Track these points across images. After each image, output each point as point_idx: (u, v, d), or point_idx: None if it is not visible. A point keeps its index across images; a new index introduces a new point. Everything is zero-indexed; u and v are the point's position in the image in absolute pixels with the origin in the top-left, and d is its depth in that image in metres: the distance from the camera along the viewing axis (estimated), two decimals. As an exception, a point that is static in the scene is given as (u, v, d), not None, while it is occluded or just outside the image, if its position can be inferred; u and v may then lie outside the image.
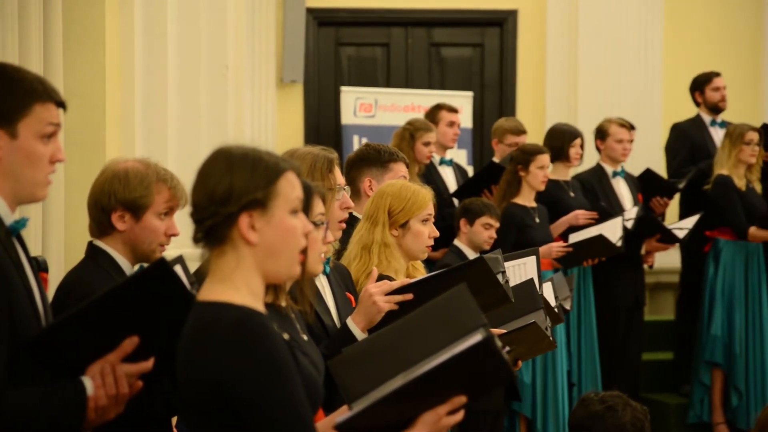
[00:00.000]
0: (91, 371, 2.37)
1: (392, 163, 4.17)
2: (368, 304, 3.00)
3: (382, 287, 3.02)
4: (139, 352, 2.40)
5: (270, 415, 2.04)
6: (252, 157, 2.14)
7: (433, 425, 2.17)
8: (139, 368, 2.39)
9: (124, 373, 2.38)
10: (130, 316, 2.39)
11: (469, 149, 8.21)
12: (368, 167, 4.16)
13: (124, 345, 2.38)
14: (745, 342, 6.62)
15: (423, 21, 8.94)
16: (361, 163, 4.18)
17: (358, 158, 4.22)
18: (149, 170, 2.94)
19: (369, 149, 4.23)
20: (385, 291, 3.02)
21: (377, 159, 4.16)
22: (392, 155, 4.19)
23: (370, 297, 3.00)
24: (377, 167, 4.15)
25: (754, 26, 8.88)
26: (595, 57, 8.55)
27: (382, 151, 4.19)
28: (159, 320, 2.40)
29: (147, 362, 2.40)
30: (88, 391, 2.35)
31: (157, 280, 2.38)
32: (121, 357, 2.38)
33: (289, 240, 2.14)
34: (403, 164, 4.22)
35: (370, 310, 3.00)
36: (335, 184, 3.17)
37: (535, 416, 6.00)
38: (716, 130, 7.30)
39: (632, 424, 2.87)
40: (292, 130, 8.67)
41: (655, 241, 6.60)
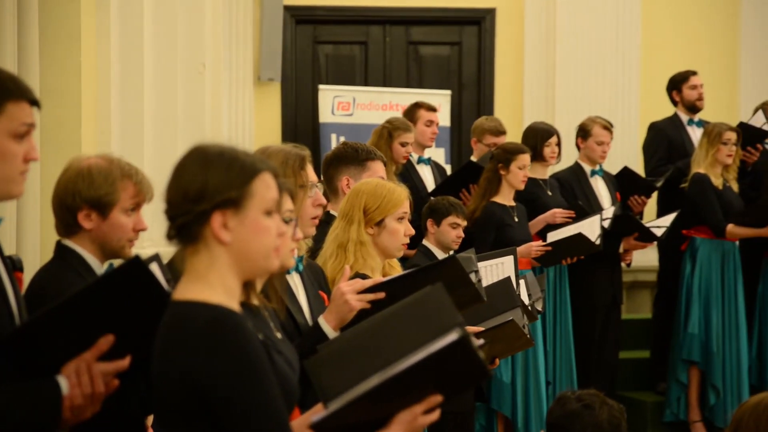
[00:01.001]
0: (66, 370, 2.35)
1: (370, 161, 4.16)
2: (340, 303, 2.99)
3: (354, 285, 3.01)
4: (115, 350, 2.38)
5: (245, 415, 2.03)
6: (228, 156, 2.13)
7: (409, 424, 2.16)
8: (116, 367, 2.37)
9: (100, 371, 2.36)
10: (105, 314, 2.37)
11: (447, 148, 8.21)
12: (346, 166, 4.15)
13: (100, 343, 2.36)
14: (722, 340, 6.65)
15: (401, 19, 8.94)
16: (339, 162, 4.17)
17: (335, 157, 4.21)
18: (113, 166, 2.89)
19: (346, 148, 4.22)
20: (357, 289, 3.00)
21: (355, 158, 4.16)
22: (370, 154, 4.18)
23: (342, 295, 2.99)
24: (355, 166, 4.15)
25: (731, 26, 8.93)
26: (573, 56, 8.56)
27: (360, 149, 4.19)
28: (134, 318, 2.38)
29: (123, 361, 2.39)
30: (63, 391, 2.33)
31: (131, 277, 2.36)
32: (97, 356, 2.36)
33: (262, 240, 2.13)
34: (381, 163, 4.21)
35: (342, 308, 2.99)
36: (307, 181, 3.16)
37: (516, 416, 6.00)
38: (693, 129, 7.33)
39: (609, 423, 2.87)
40: (269, 129, 8.65)
41: (632, 240, 6.62)
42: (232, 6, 7.89)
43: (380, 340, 2.20)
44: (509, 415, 6.01)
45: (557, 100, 8.56)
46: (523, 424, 6.03)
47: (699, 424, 6.74)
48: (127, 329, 2.38)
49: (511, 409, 6.01)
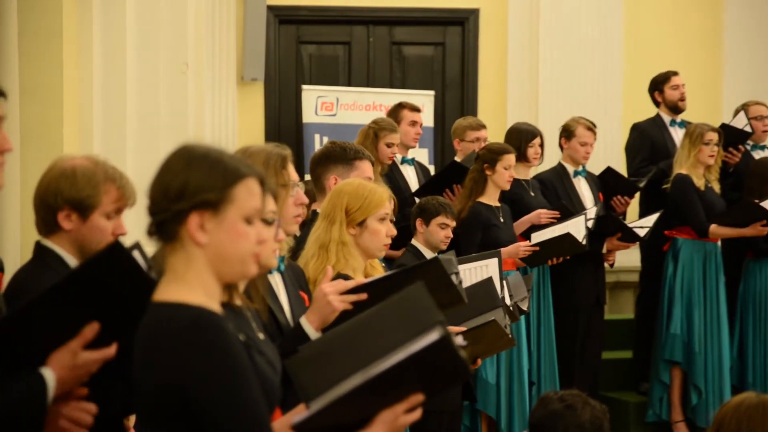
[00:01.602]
0: (52, 361, 2.33)
1: (358, 161, 4.16)
2: (322, 304, 2.99)
3: (337, 286, 3.00)
4: (101, 338, 2.37)
5: (226, 416, 2.03)
6: (212, 158, 2.12)
7: (391, 424, 2.16)
8: (102, 355, 2.36)
9: (87, 360, 2.35)
10: (88, 301, 2.35)
11: (430, 148, 8.21)
12: (334, 165, 4.15)
13: (85, 332, 2.34)
14: (704, 340, 6.67)
15: (384, 19, 8.93)
16: (327, 161, 4.17)
17: (324, 155, 4.20)
18: (98, 169, 2.87)
19: (335, 147, 4.22)
20: (339, 290, 3.00)
21: (343, 157, 4.15)
22: (358, 153, 4.18)
23: (324, 296, 2.98)
24: (343, 165, 4.14)
25: (714, 26, 8.96)
26: (556, 56, 8.58)
27: (348, 149, 4.18)
28: (118, 305, 2.37)
29: (109, 348, 2.37)
30: (49, 383, 2.32)
31: (112, 262, 2.34)
32: (83, 344, 2.35)
33: (239, 245, 2.12)
34: (369, 163, 4.21)
35: (324, 309, 2.98)
36: (289, 181, 3.15)
37: (500, 416, 6.00)
38: (676, 130, 7.34)
39: (591, 423, 2.87)
40: (252, 129, 8.63)
41: (615, 240, 6.63)
42: (215, 5, 7.86)
43: (361, 340, 2.20)
44: (494, 416, 6.01)
45: (540, 100, 8.58)
46: (507, 424, 6.03)
47: (681, 424, 6.75)
48: (112, 316, 2.37)
49: (496, 410, 6.01)
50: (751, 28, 8.86)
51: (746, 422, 2.59)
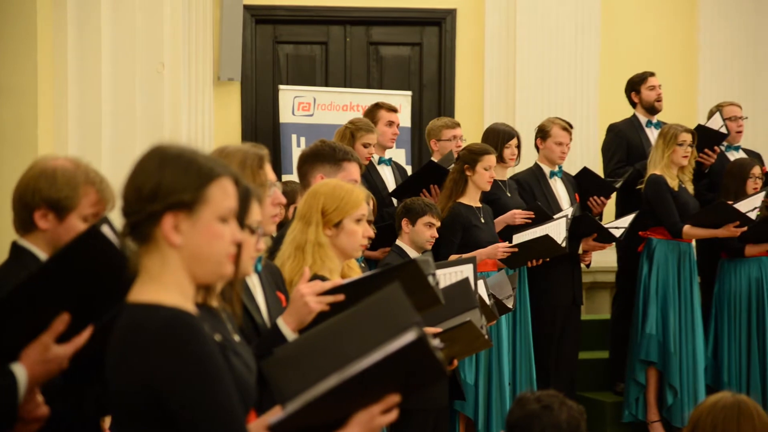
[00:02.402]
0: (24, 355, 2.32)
1: (346, 162, 4.14)
2: (299, 305, 2.98)
3: (314, 287, 3.00)
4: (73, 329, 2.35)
5: (201, 417, 2.02)
6: (186, 158, 2.11)
7: (367, 424, 2.16)
8: (74, 346, 2.34)
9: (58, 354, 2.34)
10: (61, 292, 2.33)
11: (407, 148, 8.21)
12: (321, 164, 4.13)
13: (56, 324, 2.32)
14: (679, 340, 6.69)
15: (362, 20, 8.92)
16: (315, 159, 4.15)
17: (312, 154, 4.18)
18: (78, 171, 2.86)
19: (324, 146, 4.20)
20: (316, 291, 2.99)
21: (331, 156, 4.14)
22: (347, 154, 4.16)
23: (301, 297, 2.98)
24: (330, 165, 4.12)
25: (689, 27, 9.00)
26: (533, 57, 8.61)
27: (338, 149, 4.17)
28: (92, 289, 2.35)
29: (81, 336, 2.35)
30: (20, 380, 2.30)
31: (89, 248, 2.32)
32: (55, 337, 2.33)
33: (214, 246, 2.11)
34: (357, 165, 4.19)
35: (302, 310, 2.97)
36: (266, 181, 3.14)
37: (477, 417, 6.00)
38: (652, 130, 7.37)
39: (568, 423, 2.87)
40: (229, 129, 8.60)
41: (591, 240, 6.65)
42: (191, 5, 7.84)
43: (337, 341, 2.19)
44: (471, 417, 6.01)
45: (517, 101, 8.60)
46: (485, 425, 6.03)
47: (657, 424, 6.78)
48: (84, 305, 2.35)
49: (474, 411, 6.01)
50: (726, 30, 8.91)
51: (721, 422, 2.61)
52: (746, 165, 6.84)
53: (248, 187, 2.51)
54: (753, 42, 8.92)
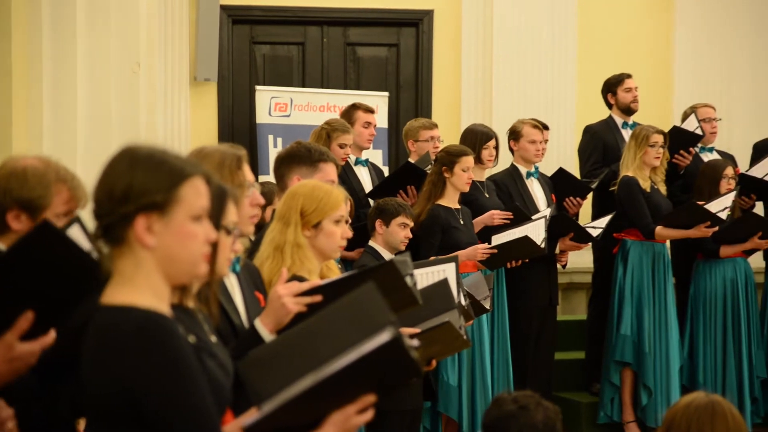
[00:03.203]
0: None
1: (322, 163, 4.14)
2: (277, 306, 2.97)
3: (292, 288, 2.99)
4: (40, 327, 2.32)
5: (175, 418, 2.02)
6: (157, 159, 2.10)
7: (342, 425, 2.16)
8: (40, 344, 2.32)
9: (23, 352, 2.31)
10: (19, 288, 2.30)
11: (384, 149, 8.21)
12: (298, 165, 4.12)
13: (20, 322, 2.30)
14: (654, 341, 6.72)
15: (338, 20, 8.92)
16: (291, 161, 4.14)
17: (288, 155, 4.17)
18: (49, 169, 2.84)
19: (300, 147, 4.19)
20: (294, 292, 2.98)
21: (307, 158, 4.13)
22: (323, 155, 4.16)
23: (279, 298, 2.97)
24: (307, 166, 4.12)
25: (665, 29, 9.05)
26: (510, 58, 8.63)
27: (314, 150, 4.16)
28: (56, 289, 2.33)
29: (47, 336, 2.33)
30: None
31: (43, 244, 2.29)
32: (19, 335, 2.31)
33: (188, 246, 2.10)
34: (333, 166, 4.18)
35: (279, 311, 2.97)
36: (245, 181, 3.13)
37: (461, 418, 6.00)
38: (627, 131, 7.38)
39: (544, 424, 2.88)
40: (205, 129, 8.57)
41: (568, 241, 6.66)
42: (167, 5, 7.81)
43: (313, 341, 2.19)
44: (456, 418, 6.01)
45: (494, 101, 8.61)
46: (469, 426, 6.03)
47: (632, 425, 6.81)
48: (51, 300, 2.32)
49: (457, 412, 6.01)
50: (701, 32, 8.95)
51: (695, 422, 2.62)
52: (719, 166, 6.88)
53: (223, 187, 2.51)
54: (728, 44, 8.97)
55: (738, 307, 6.87)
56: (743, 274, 6.94)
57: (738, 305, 6.87)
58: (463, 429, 6.01)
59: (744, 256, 6.98)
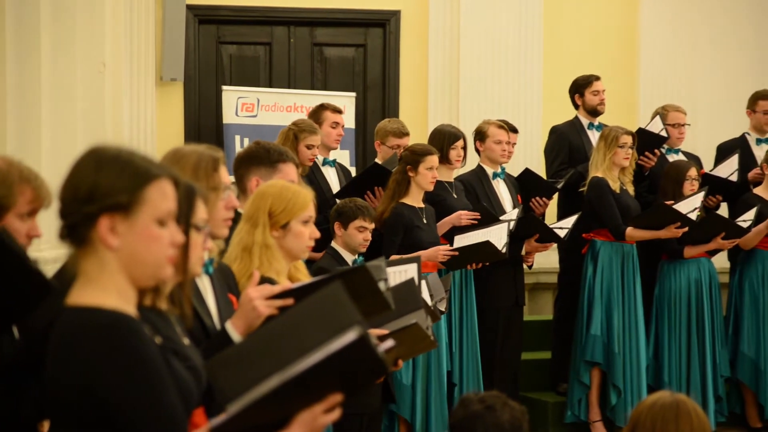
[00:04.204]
0: None
1: (281, 163, 4.11)
2: (248, 309, 2.95)
3: (263, 291, 2.98)
4: None
5: (141, 420, 2.01)
6: (123, 160, 2.09)
7: (309, 424, 2.16)
8: None
9: None
10: None
11: (352, 150, 8.20)
12: (256, 166, 4.09)
13: None
14: (623, 341, 6.76)
15: (305, 20, 8.91)
16: (250, 162, 4.11)
17: (247, 156, 4.15)
18: (12, 169, 2.82)
19: (258, 148, 4.16)
20: (265, 295, 2.97)
21: (266, 158, 4.10)
22: (281, 155, 4.13)
23: (250, 301, 2.95)
24: (265, 167, 4.09)
25: (630, 32, 9.11)
26: (477, 59, 8.65)
27: (272, 150, 4.13)
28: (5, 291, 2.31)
29: None
30: None
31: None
32: None
33: (151, 248, 2.09)
34: (293, 165, 4.16)
35: (250, 314, 2.95)
36: (220, 184, 3.11)
37: (415, 418, 6.00)
38: (593, 133, 7.42)
39: (510, 424, 2.89)
40: (172, 129, 8.54)
41: (534, 241, 6.68)
42: (133, 4, 7.76)
43: (279, 341, 2.19)
44: (408, 418, 6.01)
45: (461, 102, 8.64)
46: (423, 426, 6.02)
47: (599, 424, 6.84)
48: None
49: (410, 412, 6.01)
50: (667, 34, 9.03)
51: (660, 421, 2.64)
52: (683, 167, 6.92)
53: (191, 186, 2.49)
54: (693, 46, 9.06)
55: (702, 307, 6.92)
56: (707, 274, 7.00)
57: (702, 305, 6.92)
58: (416, 429, 6.00)
59: (708, 256, 7.04)
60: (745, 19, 9.19)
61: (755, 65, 9.11)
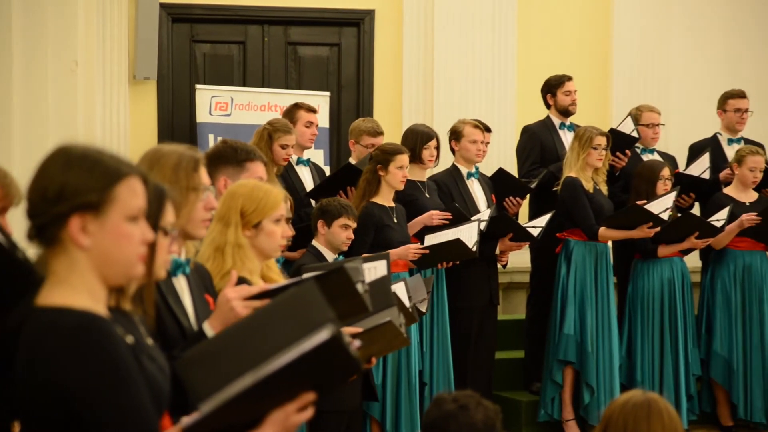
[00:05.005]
0: None
1: (249, 162, 4.08)
2: (226, 309, 2.93)
3: (241, 292, 2.96)
4: None
5: (112, 420, 2.00)
6: (92, 158, 2.07)
7: (282, 423, 2.15)
8: None
9: None
10: None
11: (326, 149, 8.19)
12: (224, 166, 4.06)
13: None
14: (596, 340, 6.79)
15: (280, 19, 8.88)
16: (218, 161, 4.08)
17: (214, 155, 4.12)
18: None
19: (226, 147, 4.14)
20: (243, 296, 2.95)
21: (233, 157, 4.07)
22: (249, 154, 4.10)
23: (227, 302, 2.93)
24: (233, 166, 4.06)
25: (604, 32, 9.14)
26: (451, 58, 8.67)
27: (240, 149, 4.10)
28: None
29: None
30: None
31: None
32: None
33: (123, 247, 2.08)
34: (261, 164, 4.13)
35: (228, 315, 2.93)
36: (200, 184, 3.09)
37: (385, 418, 5.99)
38: (565, 132, 7.45)
39: (484, 423, 2.89)
40: (145, 128, 8.49)
41: (508, 240, 6.69)
42: (105, 2, 7.71)
43: (252, 340, 2.18)
44: (378, 417, 6.00)
45: (435, 101, 8.65)
46: (393, 425, 6.02)
47: (572, 423, 6.87)
48: None
49: (380, 411, 6.00)
50: (639, 34, 9.07)
51: (632, 420, 2.64)
52: (656, 167, 6.96)
53: (162, 188, 2.48)
54: (665, 47, 9.10)
55: (675, 306, 6.96)
56: (680, 273, 7.04)
57: (675, 304, 6.96)
58: (387, 428, 6.00)
59: (681, 255, 7.08)
60: (716, 20, 9.24)
61: (727, 65, 9.16)
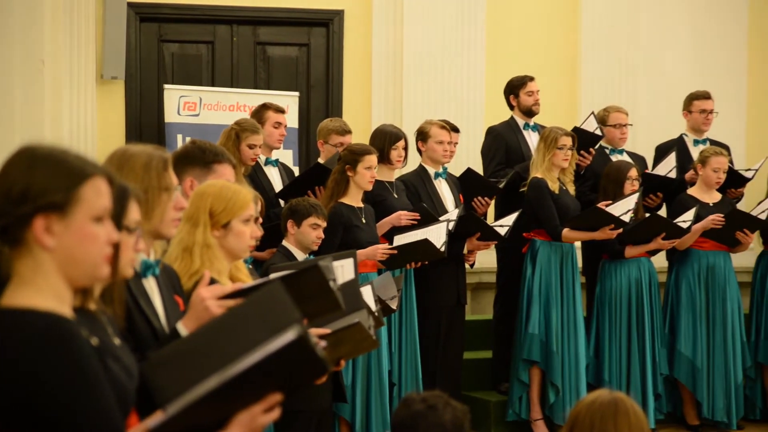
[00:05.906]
0: None
1: (216, 164, 4.04)
2: (200, 309, 2.91)
3: (214, 291, 2.94)
4: None
5: (78, 422, 1.99)
6: (56, 158, 2.06)
7: (248, 424, 2.15)
8: None
9: None
10: None
11: (295, 149, 8.18)
12: (191, 167, 4.02)
13: None
14: (561, 340, 6.83)
15: (248, 19, 8.87)
16: (185, 161, 4.04)
17: (182, 156, 4.08)
18: None
19: (194, 147, 4.10)
20: (217, 295, 2.94)
21: (201, 159, 4.03)
22: (217, 156, 4.06)
23: (202, 301, 2.91)
24: (200, 167, 4.02)
25: (571, 32, 9.20)
26: (420, 59, 8.69)
27: (207, 150, 4.07)
28: None
29: None
30: None
31: None
32: None
33: (88, 248, 2.07)
34: (229, 166, 4.10)
35: (202, 314, 2.91)
36: (171, 184, 3.07)
37: (355, 418, 5.99)
38: (530, 133, 7.48)
39: (452, 423, 2.90)
40: (113, 128, 8.44)
41: (476, 240, 6.71)
42: (73, 0, 7.66)
43: (218, 341, 2.18)
44: (348, 418, 6.00)
45: (404, 102, 8.66)
46: (363, 426, 6.02)
47: (540, 422, 6.90)
48: None
49: (350, 412, 6.00)
50: (607, 34, 9.12)
51: (599, 419, 2.66)
52: (623, 168, 7.00)
53: (126, 187, 2.47)
54: (633, 47, 9.16)
55: (642, 306, 7.01)
56: (647, 273, 7.09)
57: (642, 304, 7.01)
58: (356, 429, 6.00)
59: (648, 256, 7.13)
60: (684, 21, 9.32)
61: (694, 66, 9.24)
